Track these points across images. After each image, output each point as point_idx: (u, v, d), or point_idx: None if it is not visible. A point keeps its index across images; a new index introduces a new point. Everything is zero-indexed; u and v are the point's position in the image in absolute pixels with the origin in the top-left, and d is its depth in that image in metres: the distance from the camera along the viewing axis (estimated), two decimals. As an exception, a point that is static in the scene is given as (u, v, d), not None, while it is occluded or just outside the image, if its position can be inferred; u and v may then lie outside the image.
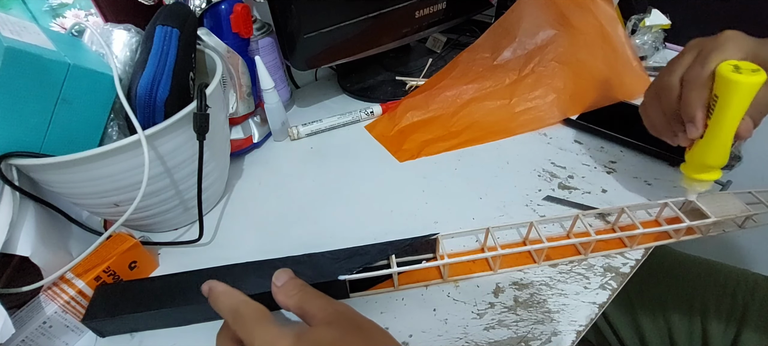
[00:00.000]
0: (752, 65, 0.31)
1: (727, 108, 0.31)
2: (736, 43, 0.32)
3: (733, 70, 0.30)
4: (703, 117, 0.33)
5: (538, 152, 0.48)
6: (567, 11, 0.53)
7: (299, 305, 0.27)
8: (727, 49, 0.32)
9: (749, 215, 0.35)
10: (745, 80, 0.29)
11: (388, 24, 0.58)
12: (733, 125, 0.32)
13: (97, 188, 0.35)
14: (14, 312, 0.33)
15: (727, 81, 0.30)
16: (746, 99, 0.31)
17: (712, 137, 0.33)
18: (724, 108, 0.31)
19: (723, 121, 0.32)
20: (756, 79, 0.30)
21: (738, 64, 0.31)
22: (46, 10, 0.50)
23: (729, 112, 0.31)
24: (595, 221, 0.39)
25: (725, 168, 0.37)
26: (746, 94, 0.30)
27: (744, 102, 0.31)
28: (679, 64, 0.35)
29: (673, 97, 0.34)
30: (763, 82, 0.30)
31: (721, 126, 0.32)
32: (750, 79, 0.29)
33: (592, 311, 0.32)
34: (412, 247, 0.35)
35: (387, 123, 0.56)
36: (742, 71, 0.30)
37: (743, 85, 0.30)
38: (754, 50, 0.32)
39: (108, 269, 0.36)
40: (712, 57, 0.32)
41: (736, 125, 0.32)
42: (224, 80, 0.49)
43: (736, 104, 0.31)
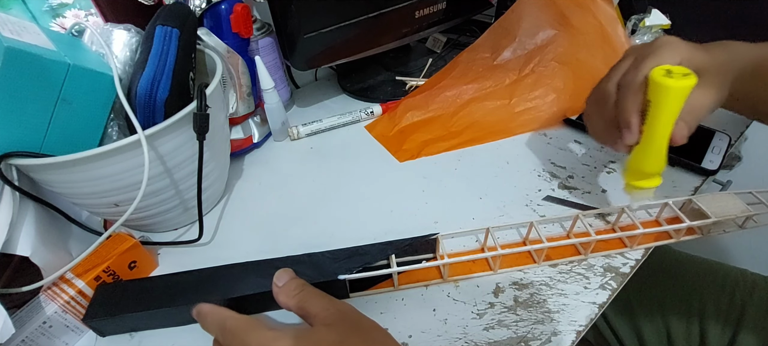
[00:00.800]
0: (684, 69, 0.30)
1: (659, 113, 0.31)
2: (670, 49, 0.32)
3: (665, 74, 0.30)
4: (637, 123, 0.32)
5: (538, 152, 0.48)
6: (567, 11, 0.53)
7: (300, 305, 0.27)
8: (662, 55, 0.32)
9: (750, 215, 0.35)
10: (674, 84, 0.29)
11: (388, 24, 0.58)
12: (666, 130, 0.31)
13: (97, 187, 0.35)
14: (14, 312, 0.33)
15: (658, 85, 0.30)
16: (677, 103, 0.30)
17: (646, 143, 0.33)
18: (656, 113, 0.31)
19: (656, 127, 0.32)
20: (685, 83, 0.29)
21: (671, 69, 0.30)
22: (46, 10, 0.50)
23: (661, 117, 0.31)
24: (595, 221, 0.39)
25: (725, 168, 0.37)
26: (676, 98, 0.30)
27: (675, 106, 0.30)
28: (616, 70, 0.35)
29: (611, 104, 0.34)
30: (692, 85, 0.30)
31: (654, 131, 0.32)
32: (679, 83, 0.29)
33: (592, 311, 0.32)
34: (412, 247, 0.35)
35: (387, 123, 0.56)
36: (674, 76, 0.30)
37: (673, 89, 0.29)
38: (689, 55, 0.32)
39: (108, 269, 0.36)
40: (646, 62, 0.32)
41: (669, 130, 0.31)
42: (224, 80, 0.49)
43: (667, 109, 0.30)
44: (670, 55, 0.31)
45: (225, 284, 0.34)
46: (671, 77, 0.29)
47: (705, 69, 0.32)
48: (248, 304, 0.34)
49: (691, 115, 0.32)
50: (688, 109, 0.31)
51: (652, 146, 0.32)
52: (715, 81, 0.33)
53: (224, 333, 0.26)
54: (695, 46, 0.33)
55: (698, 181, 0.41)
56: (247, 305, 0.34)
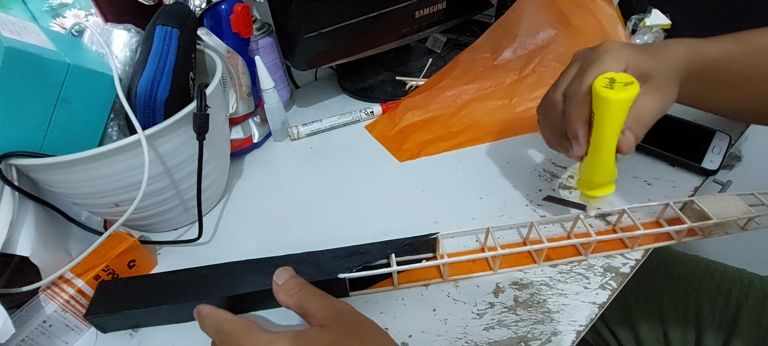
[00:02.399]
0: (628, 78, 0.30)
1: (602, 125, 0.31)
2: (614, 55, 0.31)
3: (607, 85, 0.29)
4: (584, 134, 0.32)
5: (539, 152, 0.48)
6: (567, 11, 0.53)
7: (299, 304, 0.27)
8: (606, 61, 0.31)
9: (752, 217, 0.35)
10: (615, 97, 0.29)
11: (388, 24, 0.58)
12: (611, 141, 0.31)
13: (97, 188, 0.35)
14: (14, 312, 0.33)
15: (599, 98, 0.30)
16: (618, 115, 0.30)
17: (593, 154, 0.32)
18: (598, 126, 0.31)
19: (600, 138, 0.31)
20: (626, 95, 0.29)
21: (614, 77, 0.30)
22: (46, 10, 0.50)
23: (604, 129, 0.31)
24: (595, 221, 0.39)
25: (725, 168, 0.37)
26: (618, 110, 0.30)
27: (617, 118, 0.30)
28: (562, 79, 0.34)
29: (558, 114, 0.34)
30: (633, 96, 0.29)
31: (600, 143, 0.31)
32: (619, 95, 0.29)
33: (592, 311, 0.32)
34: (412, 246, 0.35)
35: (387, 123, 0.56)
36: (616, 86, 0.29)
37: (613, 102, 0.29)
38: (634, 61, 0.31)
39: (107, 268, 0.36)
40: (589, 71, 0.31)
41: (614, 141, 0.31)
42: (224, 80, 0.49)
43: (609, 120, 0.30)
44: (614, 62, 0.31)
45: (225, 282, 0.34)
46: (613, 88, 0.29)
47: (651, 74, 0.31)
48: (248, 302, 0.34)
49: (637, 123, 0.31)
50: (633, 117, 0.30)
51: (599, 157, 0.32)
52: (662, 85, 0.32)
53: (221, 336, 0.26)
54: (640, 50, 0.32)
55: (698, 181, 0.41)
56: (247, 303, 0.34)
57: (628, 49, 0.32)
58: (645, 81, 0.31)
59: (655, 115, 0.31)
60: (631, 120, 0.30)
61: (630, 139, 0.31)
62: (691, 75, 0.34)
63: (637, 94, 0.29)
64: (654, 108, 0.31)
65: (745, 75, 0.35)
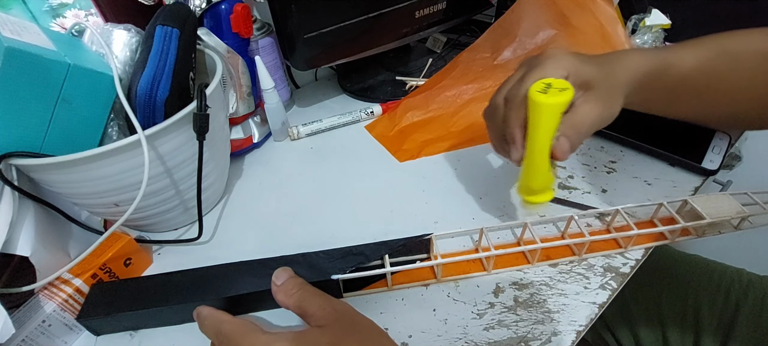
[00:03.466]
0: (564, 84, 0.30)
1: (534, 128, 0.31)
2: (556, 61, 0.31)
3: (542, 89, 0.29)
4: (521, 138, 0.32)
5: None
6: (567, 11, 0.53)
7: (298, 304, 0.27)
8: (547, 67, 0.31)
9: (745, 216, 0.35)
10: (545, 101, 0.29)
11: (388, 24, 0.58)
12: (544, 146, 0.31)
13: (97, 188, 0.35)
14: (13, 312, 0.33)
15: (531, 102, 0.30)
16: (550, 119, 0.30)
17: (528, 158, 0.32)
18: (531, 128, 0.31)
19: (533, 142, 0.31)
20: (557, 100, 0.29)
21: (551, 82, 0.30)
22: (46, 10, 0.50)
23: (536, 133, 0.31)
24: (595, 221, 0.39)
25: (725, 168, 0.37)
26: (548, 114, 0.30)
27: (548, 123, 0.30)
28: (506, 83, 0.34)
29: (499, 117, 0.34)
30: (565, 102, 0.29)
31: (533, 147, 0.31)
32: (550, 99, 0.29)
33: (592, 311, 0.32)
34: (406, 247, 0.35)
35: (387, 123, 0.56)
36: (550, 91, 0.29)
37: (543, 106, 0.29)
38: (575, 68, 0.31)
39: (104, 266, 0.36)
40: (529, 76, 0.31)
41: (547, 146, 0.31)
42: (224, 80, 0.49)
43: (541, 125, 0.30)
44: (555, 68, 0.31)
45: (220, 284, 0.34)
46: (546, 93, 0.29)
47: (593, 83, 0.31)
48: (246, 303, 0.34)
49: (572, 130, 0.31)
50: (569, 124, 0.30)
51: (533, 161, 0.32)
52: (603, 95, 0.32)
53: (220, 337, 0.26)
54: (585, 59, 0.32)
55: (698, 181, 0.41)
56: (243, 304, 0.34)
57: (572, 58, 0.32)
58: (587, 90, 0.31)
59: (592, 123, 0.31)
60: (567, 126, 0.30)
61: (564, 145, 0.31)
62: (647, 85, 0.34)
63: (569, 100, 0.29)
64: (592, 117, 0.31)
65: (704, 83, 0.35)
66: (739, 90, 0.35)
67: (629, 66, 0.33)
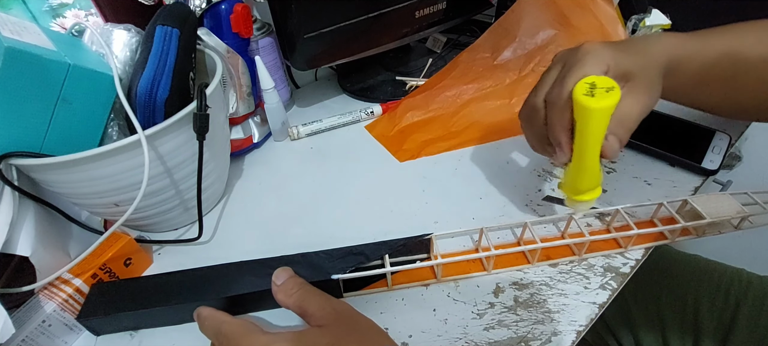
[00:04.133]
0: (609, 82, 0.29)
1: (584, 133, 0.30)
2: (595, 57, 0.30)
3: (588, 91, 0.29)
4: (567, 141, 0.31)
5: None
6: (567, 11, 0.53)
7: (298, 304, 0.27)
8: (587, 64, 0.30)
9: (745, 216, 0.35)
10: (595, 106, 0.28)
11: (388, 24, 0.58)
12: (594, 149, 0.30)
13: (97, 188, 0.35)
14: (13, 312, 0.33)
15: (580, 107, 0.29)
16: (600, 123, 0.29)
17: (577, 161, 0.32)
18: (581, 133, 0.30)
19: (583, 146, 0.30)
20: (607, 103, 0.28)
21: (595, 82, 0.29)
22: (46, 10, 0.50)
23: (587, 137, 0.30)
24: (595, 221, 0.39)
25: (725, 168, 0.37)
26: (599, 118, 0.29)
27: (599, 126, 0.29)
28: (543, 83, 0.33)
29: (540, 120, 0.33)
30: (615, 103, 0.28)
31: (583, 150, 0.31)
32: (601, 103, 0.28)
33: (592, 311, 0.32)
34: (407, 247, 0.35)
35: (387, 123, 0.56)
36: (597, 92, 0.28)
37: (594, 110, 0.28)
38: (615, 60, 0.30)
39: (104, 266, 0.36)
40: (570, 75, 0.30)
41: (597, 148, 0.30)
42: (224, 80, 0.49)
43: (591, 129, 0.29)
44: (595, 65, 0.30)
45: (220, 284, 0.34)
46: (593, 95, 0.28)
47: (633, 72, 0.31)
48: (244, 303, 0.34)
49: (621, 127, 0.30)
50: (616, 122, 0.30)
51: (583, 163, 0.31)
52: (645, 83, 0.31)
53: (220, 338, 0.26)
54: (622, 49, 0.31)
55: (698, 181, 0.41)
56: (243, 304, 0.34)
57: (609, 50, 0.31)
58: (628, 81, 0.31)
59: (639, 116, 0.30)
60: (615, 124, 0.30)
61: (614, 144, 0.30)
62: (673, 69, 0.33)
63: (618, 100, 0.28)
64: (638, 109, 0.30)
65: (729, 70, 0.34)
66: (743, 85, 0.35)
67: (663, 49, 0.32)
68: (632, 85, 0.31)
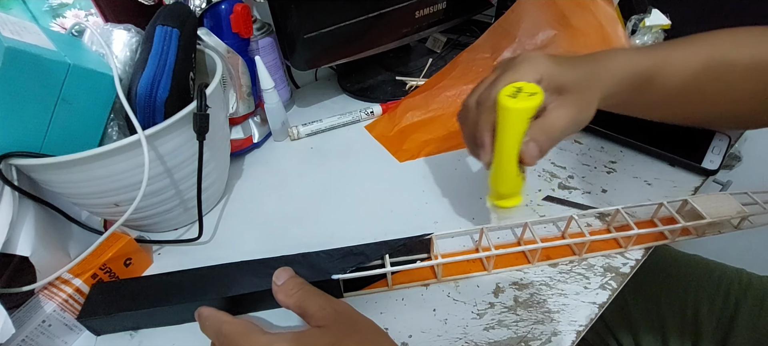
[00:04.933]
0: (534, 88, 0.29)
1: (501, 133, 0.30)
2: (530, 65, 0.31)
3: (512, 94, 0.29)
4: (490, 141, 0.32)
5: (538, 152, 0.48)
6: (567, 11, 0.53)
7: (298, 304, 0.27)
8: (520, 70, 0.31)
9: (745, 216, 0.35)
10: (511, 106, 0.28)
11: (388, 24, 0.58)
12: (512, 151, 0.30)
13: (97, 188, 0.35)
14: (13, 312, 0.33)
15: (499, 107, 0.29)
16: (517, 125, 0.29)
17: (497, 162, 0.32)
18: (499, 133, 0.30)
19: (500, 146, 0.31)
20: (524, 105, 0.28)
21: (522, 86, 0.29)
22: (46, 10, 0.50)
23: (503, 138, 0.30)
24: (595, 220, 0.39)
25: (725, 168, 0.37)
26: (515, 120, 0.29)
27: (515, 128, 0.29)
28: (479, 86, 0.34)
29: (471, 120, 0.33)
30: (533, 107, 0.29)
31: (500, 152, 0.31)
32: (518, 104, 0.28)
33: (592, 311, 0.32)
34: (407, 247, 0.35)
35: (387, 123, 0.56)
36: (520, 95, 0.29)
37: (510, 110, 0.29)
38: (551, 71, 0.31)
39: (104, 266, 0.36)
40: (501, 79, 0.31)
41: (514, 152, 0.30)
42: (224, 80, 0.49)
43: (508, 130, 0.30)
44: (528, 72, 0.30)
45: (220, 284, 0.34)
46: (515, 98, 0.29)
47: (568, 86, 0.31)
48: (244, 303, 0.34)
49: (543, 135, 0.30)
50: (539, 128, 0.30)
51: (501, 166, 0.32)
52: (578, 99, 0.31)
53: (220, 338, 0.26)
54: (561, 62, 0.32)
55: (698, 181, 0.41)
56: (244, 304, 0.34)
57: (547, 61, 0.31)
58: (561, 93, 0.31)
59: (563, 128, 0.30)
60: (538, 131, 0.30)
61: (532, 149, 0.30)
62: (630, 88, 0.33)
63: (536, 105, 0.29)
64: (564, 122, 0.30)
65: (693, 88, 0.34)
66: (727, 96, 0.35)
67: (611, 68, 0.33)
68: (564, 98, 0.31)
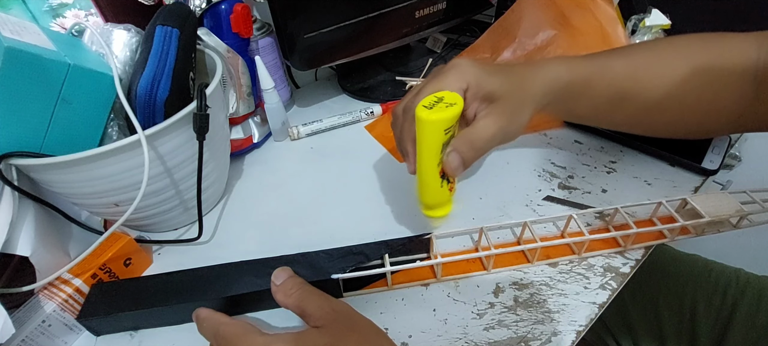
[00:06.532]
0: (455, 98, 0.29)
1: (419, 144, 0.30)
2: (456, 73, 0.30)
3: (430, 104, 0.28)
4: (412, 151, 0.31)
5: (538, 152, 0.48)
6: (567, 11, 0.53)
7: (297, 304, 0.27)
8: (446, 79, 0.30)
9: (744, 215, 0.35)
10: (425, 118, 0.28)
11: (388, 24, 0.58)
12: (429, 162, 0.30)
13: (97, 187, 0.35)
14: (13, 312, 0.33)
15: (415, 118, 0.29)
16: (432, 136, 0.29)
17: (419, 173, 0.32)
18: (418, 144, 0.30)
19: (420, 158, 0.30)
20: (437, 117, 0.28)
21: (444, 96, 0.29)
22: (46, 10, 0.50)
23: (421, 149, 0.30)
24: (594, 220, 0.39)
25: (724, 168, 0.37)
26: (430, 131, 0.28)
27: (432, 138, 0.29)
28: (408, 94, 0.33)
29: (398, 128, 0.33)
30: (447, 118, 0.28)
31: (420, 163, 0.31)
32: (431, 116, 0.28)
33: (592, 311, 0.32)
34: (406, 246, 0.35)
35: (387, 123, 0.56)
36: (438, 106, 0.28)
37: (423, 122, 0.28)
38: (478, 80, 0.30)
39: (104, 266, 0.36)
40: (426, 88, 0.30)
41: (434, 162, 0.30)
42: (224, 80, 0.49)
43: (424, 141, 0.29)
44: (454, 80, 0.30)
45: (220, 284, 0.34)
46: (432, 108, 0.28)
47: (496, 95, 0.30)
48: (244, 303, 0.34)
49: (466, 146, 0.30)
50: (464, 139, 0.29)
51: (422, 177, 0.31)
52: (507, 109, 0.30)
53: (218, 339, 0.26)
54: (491, 71, 0.31)
55: (698, 181, 0.41)
56: (243, 304, 0.34)
57: (475, 69, 0.31)
58: (490, 102, 0.30)
59: (489, 138, 0.30)
60: (461, 142, 0.29)
61: (453, 160, 0.29)
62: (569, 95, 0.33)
63: (452, 116, 0.28)
64: (490, 132, 0.30)
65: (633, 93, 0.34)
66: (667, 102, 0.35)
67: (545, 77, 0.32)
68: (493, 107, 0.30)
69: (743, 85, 0.33)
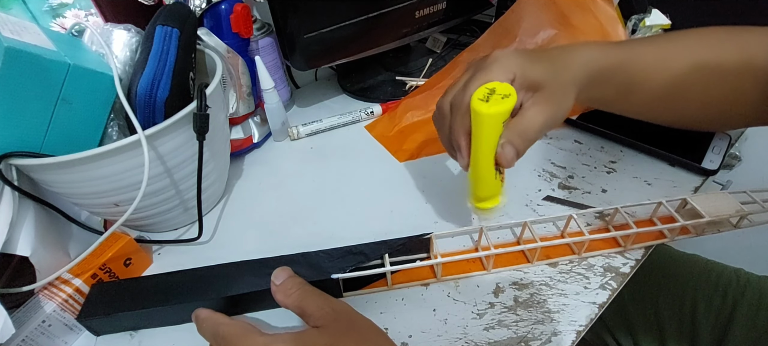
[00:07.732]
0: (508, 89, 0.28)
1: (476, 137, 0.30)
2: (501, 64, 0.30)
3: (484, 97, 0.28)
4: (466, 145, 0.31)
5: (538, 152, 0.48)
6: (567, 11, 0.53)
7: (297, 304, 0.27)
8: (492, 71, 0.30)
9: (744, 215, 0.35)
10: (485, 111, 0.28)
11: (388, 24, 0.58)
12: (487, 155, 0.30)
13: (97, 187, 0.35)
14: (13, 312, 0.33)
15: (472, 112, 0.29)
16: (491, 129, 0.29)
17: (473, 166, 0.32)
18: (474, 137, 0.30)
19: (476, 150, 0.30)
20: (497, 109, 0.28)
21: (495, 87, 0.29)
22: (46, 10, 0.50)
23: (478, 142, 0.30)
24: (594, 220, 0.39)
25: (725, 168, 0.37)
26: (489, 124, 0.29)
27: (490, 132, 0.29)
28: (452, 87, 0.33)
29: (446, 123, 0.33)
30: (506, 110, 0.28)
31: (476, 156, 0.31)
32: (490, 109, 0.28)
33: (592, 311, 0.32)
34: (406, 246, 0.35)
35: (387, 123, 0.56)
36: (492, 98, 0.28)
37: (483, 115, 0.28)
38: (522, 69, 0.30)
39: (104, 266, 0.36)
40: (473, 81, 0.30)
41: (490, 155, 0.30)
42: (224, 80, 0.49)
43: (482, 135, 0.29)
44: (500, 72, 0.30)
45: (220, 284, 0.34)
46: (488, 101, 0.28)
47: (542, 83, 0.30)
48: (244, 303, 0.34)
49: (519, 137, 0.29)
50: (515, 129, 0.29)
51: (477, 169, 0.31)
52: (553, 95, 0.30)
53: (218, 339, 0.26)
54: (533, 59, 0.31)
55: (698, 181, 0.41)
56: (243, 304, 0.34)
57: (519, 59, 0.31)
58: (535, 91, 0.30)
59: (540, 127, 0.30)
60: (513, 133, 0.29)
61: (508, 152, 0.29)
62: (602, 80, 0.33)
63: (510, 108, 0.28)
64: (540, 120, 0.30)
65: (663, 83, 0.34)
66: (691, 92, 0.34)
67: (582, 60, 0.32)
68: (539, 95, 0.30)
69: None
